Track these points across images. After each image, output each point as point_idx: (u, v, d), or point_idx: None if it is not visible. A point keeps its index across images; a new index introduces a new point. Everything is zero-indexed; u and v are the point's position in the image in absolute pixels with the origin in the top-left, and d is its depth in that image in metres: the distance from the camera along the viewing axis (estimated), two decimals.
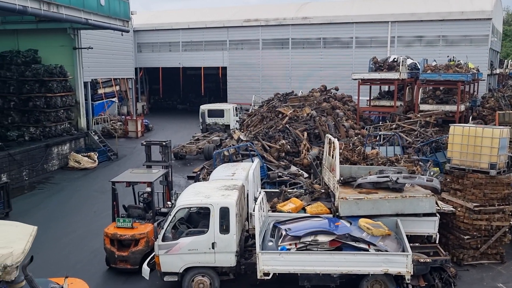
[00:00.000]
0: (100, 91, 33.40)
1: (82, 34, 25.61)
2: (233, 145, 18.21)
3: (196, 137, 26.61)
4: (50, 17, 18.87)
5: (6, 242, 6.50)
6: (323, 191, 12.96)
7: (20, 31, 24.98)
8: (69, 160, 23.14)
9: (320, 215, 11.05)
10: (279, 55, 39.62)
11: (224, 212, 9.83)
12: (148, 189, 12.23)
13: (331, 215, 11.10)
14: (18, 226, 7.33)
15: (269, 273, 9.56)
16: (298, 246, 9.72)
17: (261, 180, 14.61)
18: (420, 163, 15.66)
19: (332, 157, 12.08)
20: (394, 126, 22.16)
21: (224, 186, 10.77)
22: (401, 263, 9.34)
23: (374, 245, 9.60)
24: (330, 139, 12.68)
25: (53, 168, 22.40)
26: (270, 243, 9.86)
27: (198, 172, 18.42)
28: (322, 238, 9.70)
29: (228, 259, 9.91)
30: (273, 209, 12.06)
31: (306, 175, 16.48)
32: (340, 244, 9.74)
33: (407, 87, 27.72)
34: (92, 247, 13.13)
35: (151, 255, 10.60)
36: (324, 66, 37.83)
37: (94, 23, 21.19)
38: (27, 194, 18.87)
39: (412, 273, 9.39)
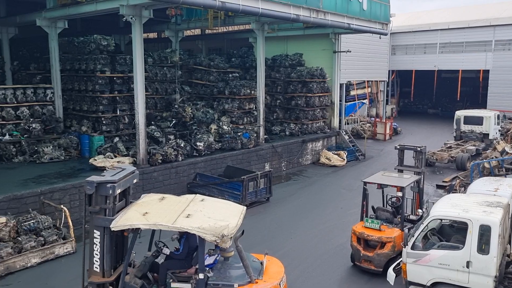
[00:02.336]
0: (353, 92, 34.54)
1: (342, 38, 26.95)
2: (495, 157, 16.40)
3: (448, 145, 24.99)
4: (318, 24, 20.49)
5: (223, 216, 7.73)
6: None
7: (289, 37, 27.94)
8: (320, 157, 24.78)
9: None
10: None
11: (485, 230, 8.97)
12: (399, 194, 12.11)
13: None
14: (231, 205, 8.62)
15: None
16: None
17: None
18: None
19: None
20: None
21: (486, 202, 9.83)
22: None
23: None
24: None
25: (306, 162, 24.38)
26: None
27: (451, 183, 17.25)
28: None
29: (484, 283, 9.03)
30: None
31: None
32: None
33: None
34: (338, 242, 13.80)
35: (398, 261, 10.49)
36: None
37: (355, 28, 22.04)
38: (283, 183, 21.01)
39: None
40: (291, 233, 14.56)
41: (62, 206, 13.10)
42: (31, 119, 18.50)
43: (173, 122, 21.18)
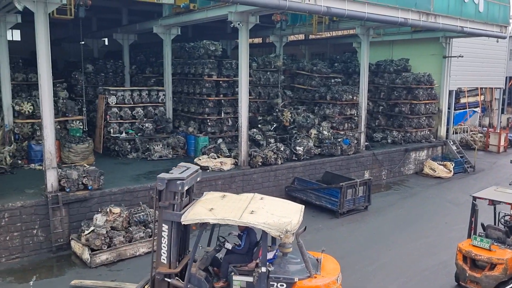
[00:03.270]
0: (463, 100, 32.33)
1: (453, 41, 25.40)
2: None
3: None
4: (427, 27, 19.54)
5: (285, 213, 8.10)
6: None
7: (395, 41, 27.00)
8: (424, 167, 23.59)
9: None
10: None
11: None
12: None
13: None
14: (290, 203, 8.94)
15: None
16: None
17: None
18: None
19: None
20: None
21: None
22: None
23: None
24: None
25: (408, 172, 23.36)
26: None
27: None
28: None
29: None
30: None
31: None
32: None
33: None
34: (441, 258, 13.04)
35: (509, 285, 9.69)
36: None
37: (469, 31, 20.63)
38: (383, 192, 20.36)
39: None
40: (390, 244, 14.07)
41: None
42: (145, 119, 20.03)
43: (274, 125, 21.57)
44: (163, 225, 8.11)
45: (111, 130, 19.59)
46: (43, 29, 12.68)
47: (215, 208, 8.07)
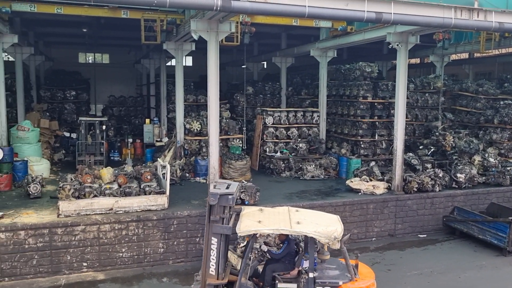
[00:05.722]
0: None
1: None
2: None
3: None
4: None
5: (328, 223, 8.81)
6: None
7: None
8: None
9: None
10: None
11: None
12: None
13: None
14: (325, 214, 9.62)
15: None
16: None
17: None
18: None
19: None
20: None
21: None
22: None
23: None
24: None
25: None
26: None
27: None
28: None
29: None
30: None
31: None
32: None
33: None
34: None
35: None
36: None
37: None
38: None
39: None
40: None
41: None
42: (299, 139, 20.64)
43: (432, 150, 20.34)
44: (213, 238, 8.55)
45: (267, 149, 20.57)
46: (214, 56, 14.01)
47: (262, 221, 8.59)
